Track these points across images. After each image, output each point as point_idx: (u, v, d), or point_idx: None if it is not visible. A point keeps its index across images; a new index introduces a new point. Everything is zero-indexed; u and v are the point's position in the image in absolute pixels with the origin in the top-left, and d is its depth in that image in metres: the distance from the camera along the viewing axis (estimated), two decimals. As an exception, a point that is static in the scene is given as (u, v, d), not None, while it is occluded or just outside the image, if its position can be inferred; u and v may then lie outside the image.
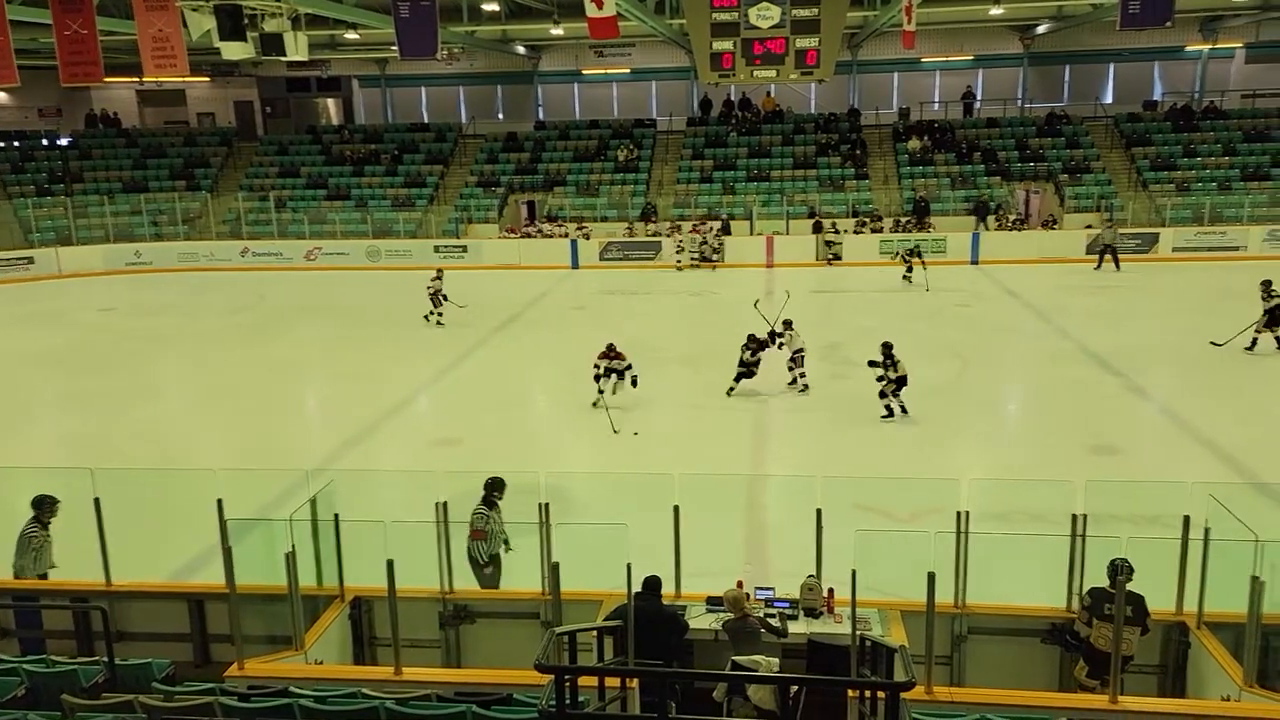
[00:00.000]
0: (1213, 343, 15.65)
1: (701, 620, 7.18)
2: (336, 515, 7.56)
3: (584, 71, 35.48)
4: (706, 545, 7.95)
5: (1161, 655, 7.36)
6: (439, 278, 21.06)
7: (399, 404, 15.45)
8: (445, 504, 7.72)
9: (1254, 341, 15.95)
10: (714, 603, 7.29)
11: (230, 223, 30.93)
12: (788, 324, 15.60)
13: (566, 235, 28.91)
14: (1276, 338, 15.72)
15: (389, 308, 23.18)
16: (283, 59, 20.24)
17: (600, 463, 12.48)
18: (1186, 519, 6.96)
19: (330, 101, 38.32)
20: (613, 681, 5.88)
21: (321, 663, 7.19)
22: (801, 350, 15.36)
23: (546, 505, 7.54)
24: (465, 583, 8.05)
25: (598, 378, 14.30)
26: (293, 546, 6.89)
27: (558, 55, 35.06)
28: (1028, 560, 7.84)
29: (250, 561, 7.07)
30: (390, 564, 6.71)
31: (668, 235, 28.19)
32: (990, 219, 27.89)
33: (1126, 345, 17.23)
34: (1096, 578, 7.01)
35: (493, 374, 17.25)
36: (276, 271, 28.77)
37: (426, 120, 36.59)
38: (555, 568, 7.04)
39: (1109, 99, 33.42)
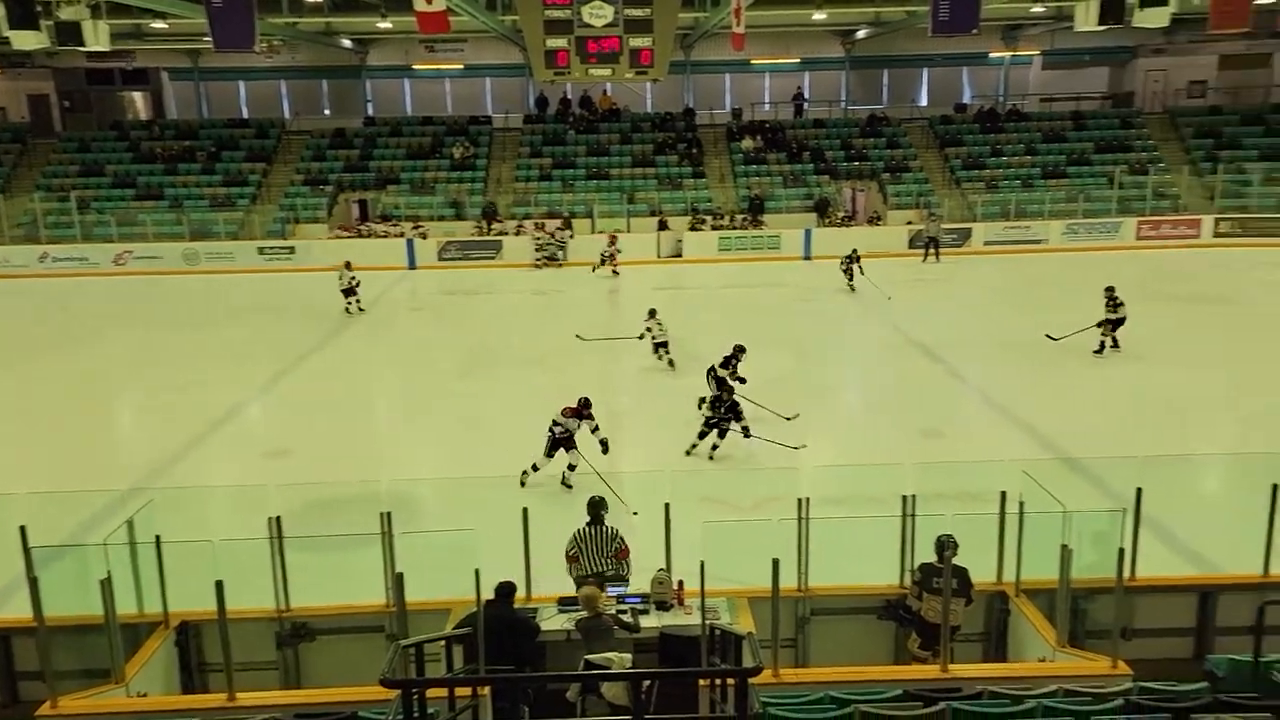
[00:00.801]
0: (1048, 336, 16.48)
1: (554, 621, 7.13)
2: (158, 537, 7.08)
3: (415, 67, 34.61)
4: (559, 546, 7.89)
5: (985, 623, 7.85)
6: (349, 267, 21.15)
7: (225, 416, 14.60)
8: (279, 519, 7.36)
9: (1102, 345, 16.30)
10: (567, 603, 7.26)
11: (26, 225, 28.44)
12: (652, 313, 16.50)
13: (402, 235, 28.15)
14: (1110, 339, 16.30)
15: (211, 313, 21.92)
16: (81, 49, 18.73)
17: (447, 468, 12.21)
18: (1003, 495, 7.44)
19: (137, 95, 35.80)
20: (464, 691, 5.75)
21: (145, 694, 6.70)
22: (665, 341, 16.36)
23: (389, 514, 7.31)
24: (303, 599, 7.68)
25: (556, 443, 11.18)
26: (108, 573, 6.40)
27: (387, 50, 34.05)
28: (864, 541, 8.18)
29: (61, 591, 6.53)
30: (220, 585, 6.33)
31: (516, 234, 27.96)
32: (817, 216, 29.05)
33: (947, 334, 18.28)
34: (926, 554, 7.39)
35: (327, 380, 16.56)
36: (82, 277, 26.63)
37: (246, 115, 34.80)
38: (399, 578, 6.83)
39: (924, 102, 35.48)
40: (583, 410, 11.32)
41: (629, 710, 5.70)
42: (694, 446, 12.30)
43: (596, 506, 8.00)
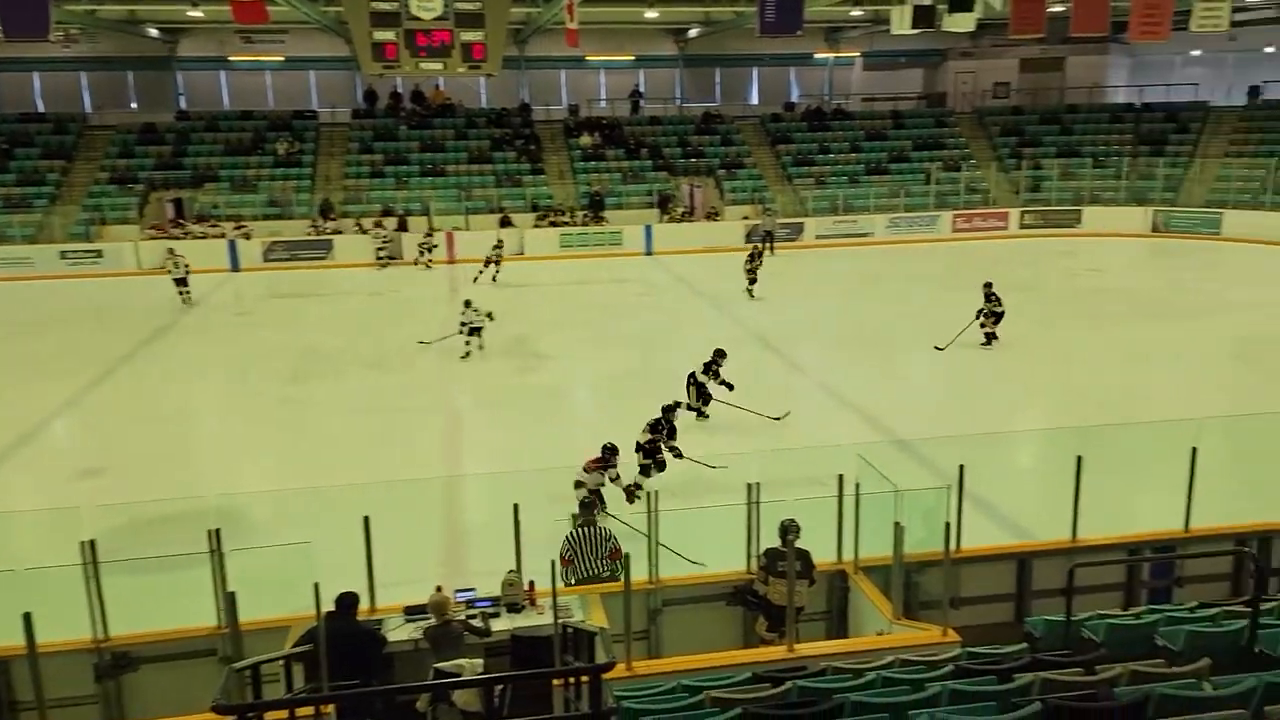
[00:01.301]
0: (936, 347, 16.55)
1: (401, 631, 6.91)
2: (-50, 570, 6.40)
3: (232, 59, 32.83)
4: (403, 554, 7.65)
5: (828, 602, 8.13)
6: (171, 254, 20.80)
7: (26, 434, 13.39)
8: (93, 542, 6.80)
9: (989, 338, 16.58)
10: (413, 612, 7.04)
11: None
12: (467, 304, 16.67)
13: (223, 235, 26.66)
14: (990, 332, 16.71)
15: (8, 323, 20.09)
16: None
17: (280, 479, 11.62)
18: (841, 478, 7.73)
19: (-86, 86, 32.50)
20: (306, 711, 5.47)
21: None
22: (480, 326, 16.57)
23: (218, 531, 6.88)
24: (124, 627, 7.13)
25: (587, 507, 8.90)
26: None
27: (199, 40, 32.13)
28: (714, 530, 8.32)
29: None
30: (28, 617, 5.78)
31: (360, 232, 26.99)
32: (659, 212, 29.47)
33: (785, 326, 18.88)
34: (772, 539, 7.59)
35: (143, 392, 15.47)
36: None
37: (42, 109, 32.10)
38: (231, 598, 6.44)
39: (755, 100, 36.57)
40: (609, 459, 9.99)
41: (482, 716, 5.60)
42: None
43: (589, 509, 8.08)
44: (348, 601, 6.48)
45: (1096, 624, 6.62)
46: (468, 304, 16.81)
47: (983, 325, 16.52)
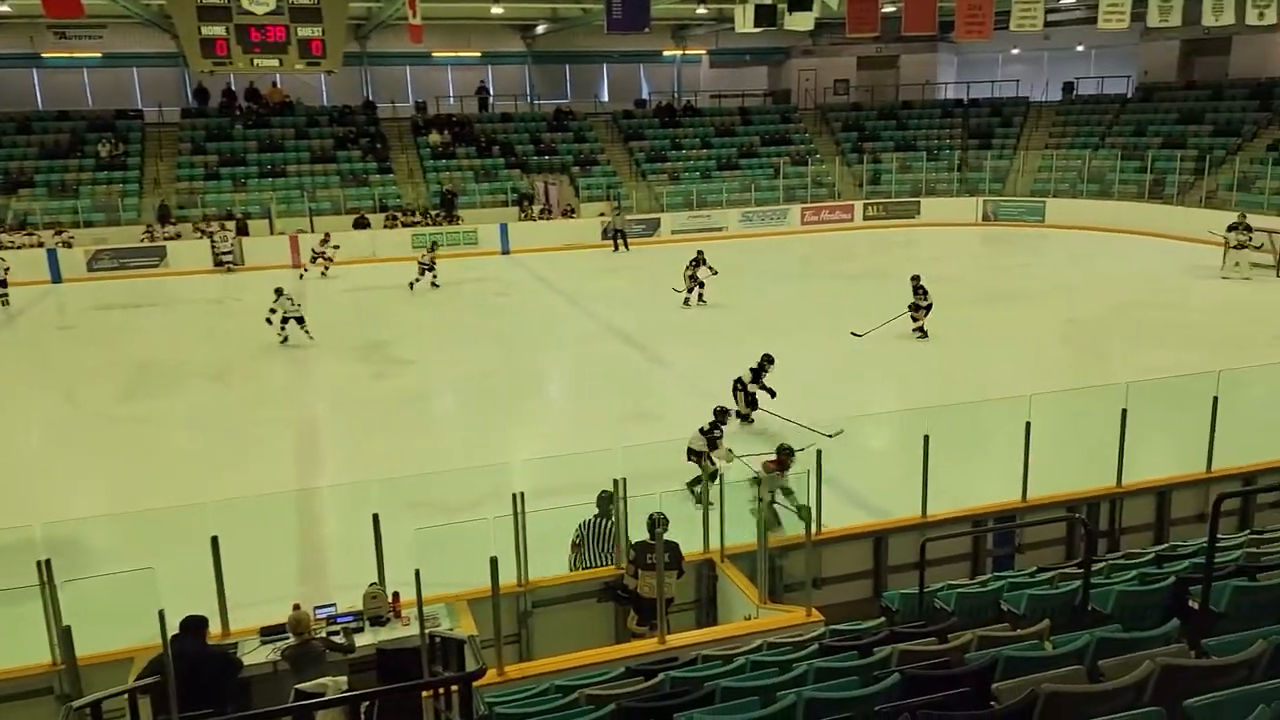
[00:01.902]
0: (854, 334, 16.80)
1: (258, 654, 6.60)
2: None
3: (45, 55, 30.53)
4: (257, 573, 7.30)
5: (697, 591, 8.25)
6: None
7: None
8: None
9: (923, 330, 16.88)
10: (270, 632, 6.73)
11: None
12: (279, 292, 17.32)
13: (41, 244, 24.76)
14: (918, 328, 16.99)
15: None
16: None
17: (117, 503, 10.87)
18: (704, 468, 7.84)
19: None
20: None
21: None
22: (301, 317, 17.14)
23: (47, 561, 6.38)
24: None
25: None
26: None
27: (7, 35, 29.63)
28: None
29: None
30: None
31: (199, 237, 25.60)
32: (516, 210, 29.19)
33: (645, 321, 19.04)
34: (641, 534, 7.63)
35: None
36: None
37: None
38: (67, 632, 5.99)
39: (605, 97, 36.71)
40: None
41: (349, 736, 5.40)
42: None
43: (605, 501, 8.00)
44: (193, 624, 6.13)
45: (948, 594, 6.95)
46: (279, 292, 17.16)
47: (914, 319, 16.89)
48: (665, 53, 36.40)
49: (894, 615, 7.19)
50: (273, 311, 17.18)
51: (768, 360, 12.62)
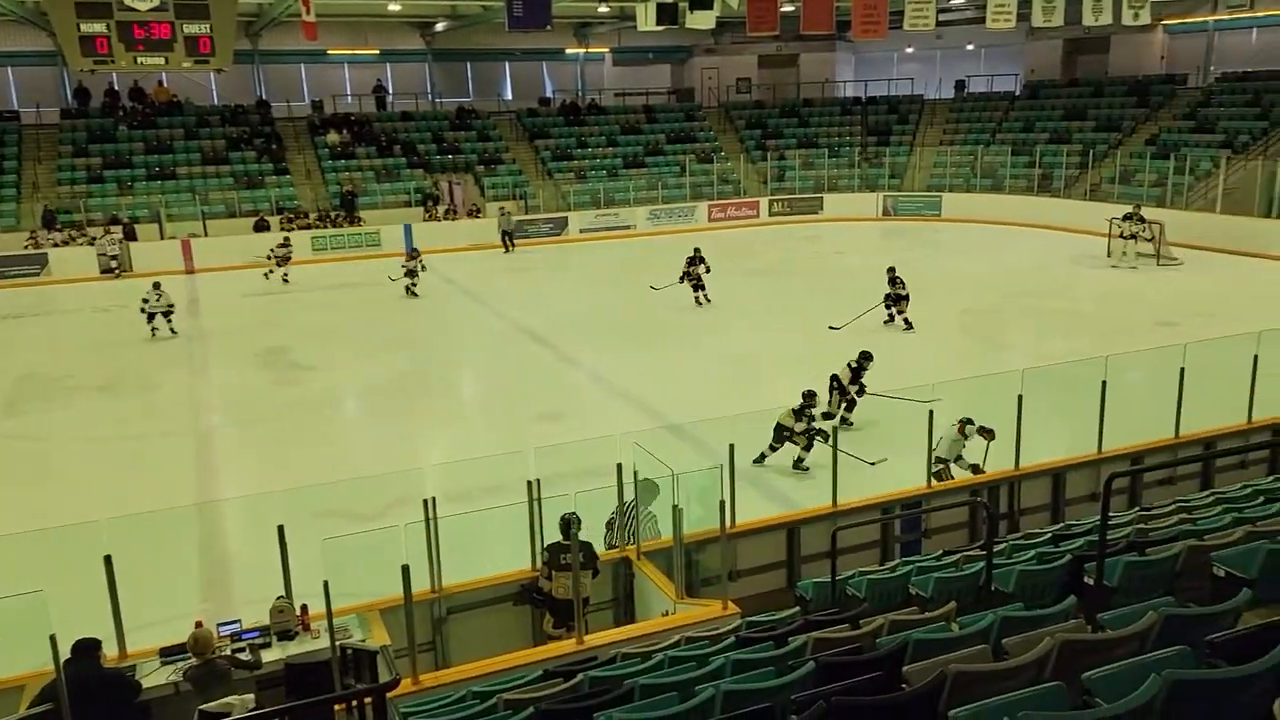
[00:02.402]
0: (831, 327, 16.90)
1: (158, 675, 6.33)
2: None
3: (-90, 53, 28.76)
4: (157, 592, 7.00)
5: (614, 590, 8.24)
6: None
7: None
8: None
9: (891, 318, 17.19)
10: (170, 652, 6.46)
11: None
12: (156, 284, 17.80)
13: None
14: (902, 317, 17.21)
15: None
16: None
17: (1, 523, 10.29)
18: (619, 467, 7.84)
19: None
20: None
21: None
22: (168, 310, 17.66)
23: (-79, 592, 5.99)
24: None
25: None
26: None
27: None
28: (499, 532, 8.20)
29: None
30: None
31: (88, 242, 24.49)
32: (420, 210, 28.71)
33: (553, 320, 18.95)
34: (556, 535, 7.58)
35: None
36: None
37: None
38: (-55, 666, 5.64)
39: (509, 95, 36.38)
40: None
41: (257, 756, 5.23)
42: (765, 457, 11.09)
43: (646, 490, 8.24)
44: (86, 646, 5.85)
45: (859, 581, 7.11)
46: (156, 285, 17.64)
47: (888, 308, 17.21)
48: (568, 51, 36.28)
49: (808, 604, 7.31)
50: (145, 301, 17.58)
51: (866, 358, 12.24)
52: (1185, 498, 8.54)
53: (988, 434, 9.61)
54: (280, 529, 6.83)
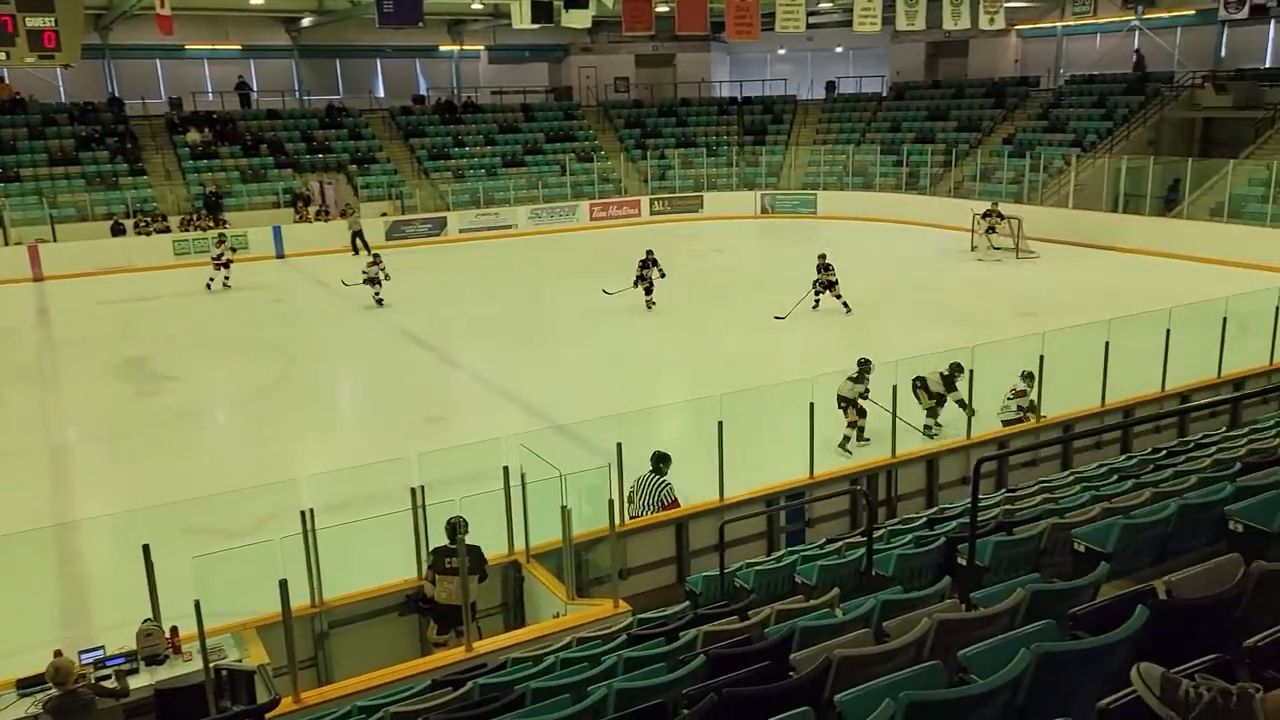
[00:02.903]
0: (776, 317, 17.49)
1: (15, 709, 5.94)
2: None
3: None
4: (10, 621, 6.53)
5: (503, 594, 8.14)
6: None
7: None
8: None
9: (817, 303, 18.10)
10: (28, 684, 6.05)
11: None
12: None
13: None
14: (820, 301, 18.09)
15: None
16: None
17: None
18: (506, 469, 7.74)
19: None
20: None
21: None
22: None
23: None
24: None
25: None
26: None
27: None
28: (383, 542, 7.98)
29: None
30: None
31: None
32: (290, 211, 27.71)
33: (433, 322, 18.59)
34: (443, 540, 7.42)
35: None
36: None
37: None
38: None
39: (381, 93, 35.48)
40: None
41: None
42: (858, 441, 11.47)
43: (658, 460, 8.93)
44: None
45: (746, 573, 7.22)
46: None
47: (817, 293, 17.99)
48: (442, 48, 35.67)
49: (698, 598, 7.38)
50: None
51: (958, 369, 11.30)
52: (1048, 478, 8.99)
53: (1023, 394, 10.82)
54: (145, 548, 6.48)
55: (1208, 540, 5.37)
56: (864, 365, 11.45)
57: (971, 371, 10.11)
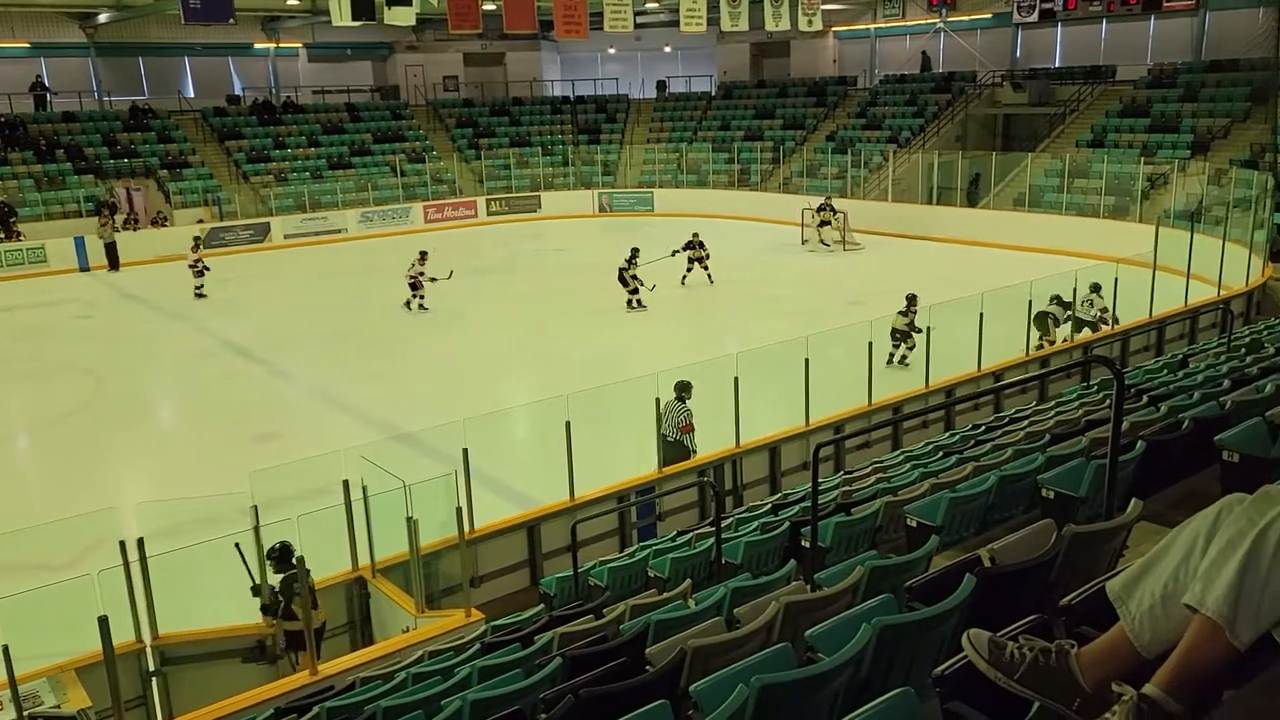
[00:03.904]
0: (651, 286, 18.62)
1: None
2: None
3: None
4: None
5: (349, 613, 7.85)
6: None
7: None
8: None
9: (685, 276, 20.28)
10: None
11: None
12: None
13: None
14: (688, 274, 20.03)
15: None
16: None
17: None
18: (346, 483, 7.47)
19: None
20: None
21: None
22: None
23: None
24: None
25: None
26: None
27: None
28: (219, 568, 7.52)
29: None
30: None
31: None
32: (95, 221, 25.70)
33: (261, 333, 17.72)
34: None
35: None
36: None
37: None
38: None
39: (191, 93, 33.42)
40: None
41: None
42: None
43: (681, 389, 9.85)
44: None
45: (600, 571, 7.24)
46: None
47: (689, 266, 20.20)
48: (257, 46, 33.99)
49: (552, 600, 7.35)
50: None
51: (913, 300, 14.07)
52: (880, 459, 9.46)
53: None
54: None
55: (1024, 508, 5.77)
56: (911, 300, 13.78)
57: (807, 361, 10.49)
